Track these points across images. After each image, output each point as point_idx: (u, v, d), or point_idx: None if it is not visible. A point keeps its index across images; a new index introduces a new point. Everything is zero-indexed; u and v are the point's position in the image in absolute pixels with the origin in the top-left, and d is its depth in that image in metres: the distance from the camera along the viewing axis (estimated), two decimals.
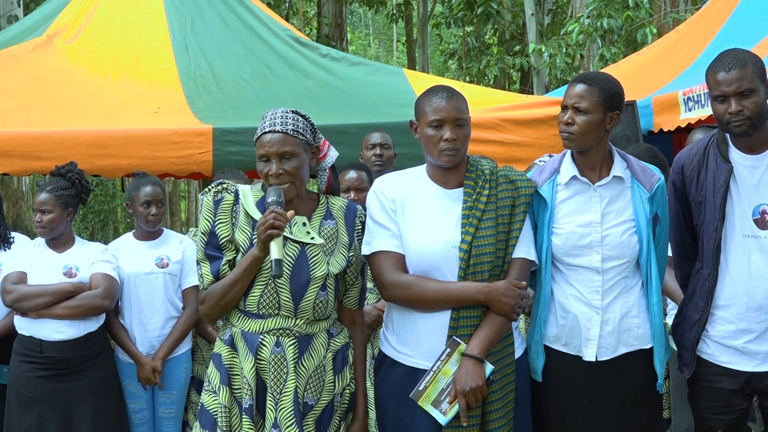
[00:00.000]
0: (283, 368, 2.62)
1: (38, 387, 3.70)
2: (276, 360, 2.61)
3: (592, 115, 2.72)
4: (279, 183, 2.61)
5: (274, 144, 2.61)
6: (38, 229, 3.81)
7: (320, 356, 2.68)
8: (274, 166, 2.61)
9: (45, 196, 3.79)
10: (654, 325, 2.79)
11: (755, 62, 2.68)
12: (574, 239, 2.76)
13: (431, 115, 2.66)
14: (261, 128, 2.65)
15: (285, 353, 2.62)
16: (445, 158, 2.66)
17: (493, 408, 2.62)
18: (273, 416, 2.59)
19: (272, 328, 2.63)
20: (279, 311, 2.63)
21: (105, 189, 17.01)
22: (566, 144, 2.79)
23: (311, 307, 2.65)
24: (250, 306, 2.65)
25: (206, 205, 2.68)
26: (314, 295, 2.65)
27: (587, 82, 2.74)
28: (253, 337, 2.63)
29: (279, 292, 2.62)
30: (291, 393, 2.59)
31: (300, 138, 2.65)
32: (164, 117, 5.15)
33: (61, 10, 6.16)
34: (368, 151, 4.60)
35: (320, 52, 6.19)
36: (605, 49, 9.77)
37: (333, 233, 2.74)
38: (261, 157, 2.63)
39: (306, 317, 2.65)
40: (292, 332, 2.64)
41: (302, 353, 2.64)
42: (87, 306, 3.74)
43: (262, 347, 2.62)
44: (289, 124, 2.64)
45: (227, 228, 2.65)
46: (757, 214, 2.74)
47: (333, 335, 2.75)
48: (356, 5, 16.87)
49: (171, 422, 4.09)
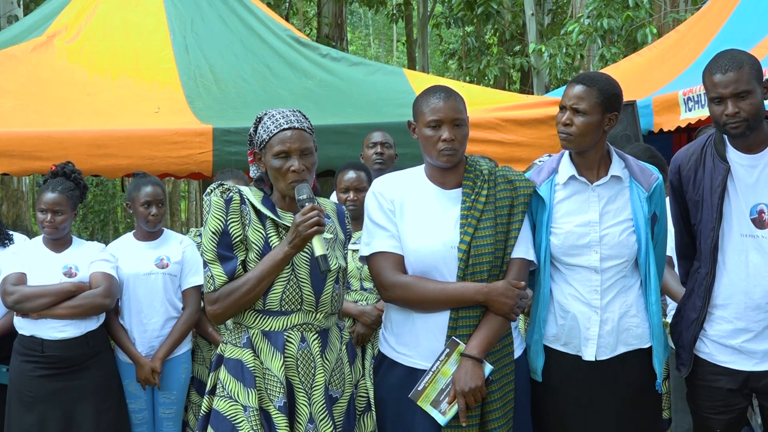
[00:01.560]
0: (311, 363, 2.61)
1: (40, 386, 3.70)
2: (304, 355, 2.60)
3: (591, 116, 2.72)
4: (299, 179, 2.59)
5: (296, 140, 2.60)
6: (48, 229, 3.79)
7: (337, 349, 2.70)
8: (296, 162, 2.59)
9: (58, 197, 3.77)
10: (653, 324, 2.79)
11: (752, 63, 2.67)
12: (572, 239, 2.77)
13: (429, 116, 2.66)
14: (275, 125, 2.62)
15: (311, 348, 2.61)
16: (443, 158, 2.66)
17: (492, 408, 2.62)
18: (308, 411, 2.57)
19: (296, 324, 2.61)
20: (302, 306, 2.62)
21: (105, 189, 17.03)
22: (564, 144, 2.79)
23: (329, 300, 2.65)
24: (272, 304, 2.61)
25: (216, 204, 2.61)
26: (331, 288, 2.66)
27: (586, 83, 2.74)
28: (278, 335, 2.60)
29: (302, 286, 2.61)
30: (322, 387, 2.60)
31: (312, 136, 2.68)
32: (164, 117, 5.16)
33: (61, 10, 6.17)
34: (369, 150, 4.61)
35: (320, 52, 6.20)
36: (605, 49, 9.77)
37: (334, 230, 2.76)
38: (279, 153, 2.60)
39: (325, 310, 2.65)
40: (314, 326, 2.63)
41: (324, 347, 2.65)
42: (88, 305, 3.75)
43: (289, 344, 2.60)
44: (305, 122, 2.66)
45: (239, 227, 2.61)
46: (755, 213, 2.74)
47: (341, 329, 2.77)
48: (356, 5, 16.87)
49: (171, 422, 4.09)
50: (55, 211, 3.77)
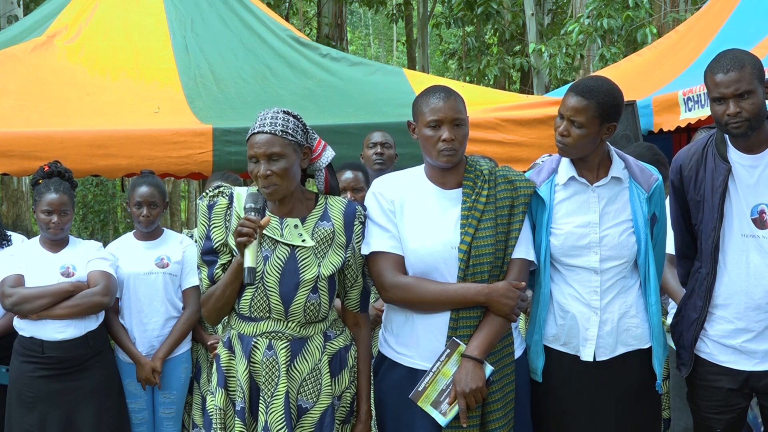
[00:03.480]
0: (274, 371, 2.62)
1: (40, 387, 3.69)
2: (268, 363, 2.62)
3: (588, 129, 2.71)
4: (267, 184, 2.61)
5: (261, 145, 2.60)
6: (54, 230, 3.76)
7: (315, 359, 2.67)
8: (263, 167, 2.60)
9: (63, 197, 3.77)
10: (652, 325, 2.79)
11: (753, 63, 2.67)
12: (572, 240, 2.76)
13: (429, 116, 2.65)
14: (252, 129, 2.65)
15: (277, 356, 2.62)
16: (443, 159, 2.65)
17: (492, 408, 2.62)
18: (264, 419, 2.60)
19: (265, 331, 2.64)
20: (270, 314, 2.64)
21: (105, 189, 17.01)
22: (561, 153, 2.80)
23: (302, 310, 2.64)
24: (243, 309, 2.67)
25: (201, 210, 2.71)
26: (304, 298, 2.64)
27: (585, 96, 2.70)
28: (247, 340, 2.65)
29: (268, 295, 2.62)
30: (282, 396, 2.60)
31: (289, 138, 2.62)
32: (164, 117, 5.15)
33: (61, 10, 6.16)
34: (369, 150, 4.61)
35: (320, 52, 6.20)
36: (605, 49, 9.77)
37: (328, 235, 2.71)
38: (251, 158, 2.63)
39: (297, 320, 2.65)
40: (285, 335, 2.64)
41: (295, 356, 2.64)
42: (87, 304, 3.74)
43: (255, 350, 2.64)
44: (278, 125, 2.62)
45: (221, 232, 2.67)
46: (756, 213, 2.74)
47: (330, 338, 2.73)
48: (356, 5, 16.87)
49: (171, 422, 4.09)
50: (62, 213, 3.77)
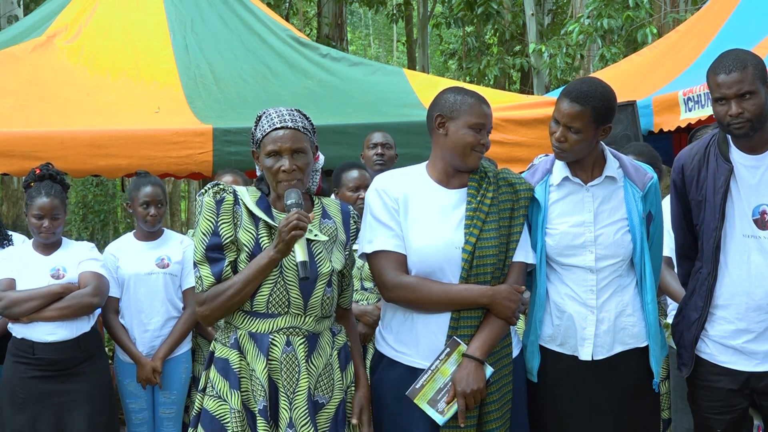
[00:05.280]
0: (295, 367, 2.60)
1: (31, 388, 3.66)
2: (288, 359, 2.59)
3: (585, 134, 2.71)
4: (290, 179, 2.58)
5: (287, 140, 2.59)
6: (45, 234, 3.72)
7: (327, 354, 2.67)
8: (287, 162, 2.58)
9: (54, 201, 3.71)
10: (649, 323, 2.79)
11: (756, 63, 2.67)
12: (567, 239, 2.76)
13: (474, 119, 2.68)
14: (269, 124, 2.62)
15: (296, 352, 2.60)
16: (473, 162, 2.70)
17: (490, 409, 2.62)
18: (288, 416, 2.56)
19: (282, 327, 2.60)
20: (289, 309, 2.61)
21: (105, 189, 16.99)
22: (558, 157, 2.81)
23: (319, 303, 2.63)
24: (258, 306, 2.61)
25: (207, 205, 2.62)
26: (322, 292, 2.63)
27: (580, 102, 2.69)
28: (263, 338, 2.60)
29: (288, 289, 2.59)
30: (304, 392, 2.58)
31: (308, 135, 2.66)
32: (164, 117, 5.16)
33: (61, 10, 6.17)
34: (369, 151, 4.60)
35: (320, 52, 6.20)
36: (605, 49, 9.77)
37: (333, 232, 2.73)
38: (271, 153, 2.60)
39: (315, 314, 2.64)
40: (301, 330, 2.62)
41: (311, 352, 2.63)
42: (77, 305, 3.69)
43: (273, 347, 2.59)
44: (298, 121, 2.63)
45: (230, 228, 2.61)
46: (757, 214, 2.74)
47: (335, 333, 2.74)
48: (356, 5, 16.86)
49: (171, 422, 4.09)
50: (52, 216, 3.72)
